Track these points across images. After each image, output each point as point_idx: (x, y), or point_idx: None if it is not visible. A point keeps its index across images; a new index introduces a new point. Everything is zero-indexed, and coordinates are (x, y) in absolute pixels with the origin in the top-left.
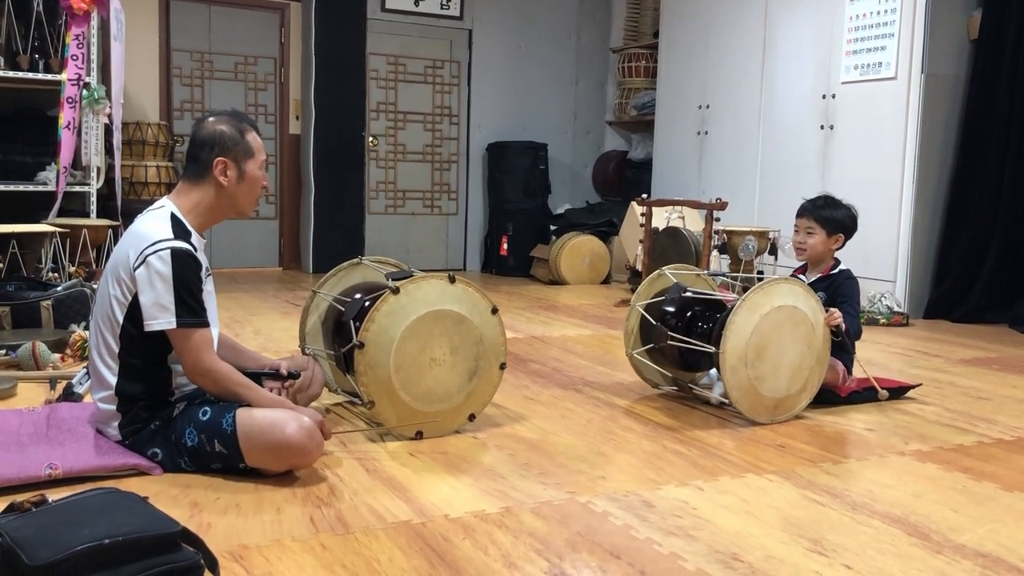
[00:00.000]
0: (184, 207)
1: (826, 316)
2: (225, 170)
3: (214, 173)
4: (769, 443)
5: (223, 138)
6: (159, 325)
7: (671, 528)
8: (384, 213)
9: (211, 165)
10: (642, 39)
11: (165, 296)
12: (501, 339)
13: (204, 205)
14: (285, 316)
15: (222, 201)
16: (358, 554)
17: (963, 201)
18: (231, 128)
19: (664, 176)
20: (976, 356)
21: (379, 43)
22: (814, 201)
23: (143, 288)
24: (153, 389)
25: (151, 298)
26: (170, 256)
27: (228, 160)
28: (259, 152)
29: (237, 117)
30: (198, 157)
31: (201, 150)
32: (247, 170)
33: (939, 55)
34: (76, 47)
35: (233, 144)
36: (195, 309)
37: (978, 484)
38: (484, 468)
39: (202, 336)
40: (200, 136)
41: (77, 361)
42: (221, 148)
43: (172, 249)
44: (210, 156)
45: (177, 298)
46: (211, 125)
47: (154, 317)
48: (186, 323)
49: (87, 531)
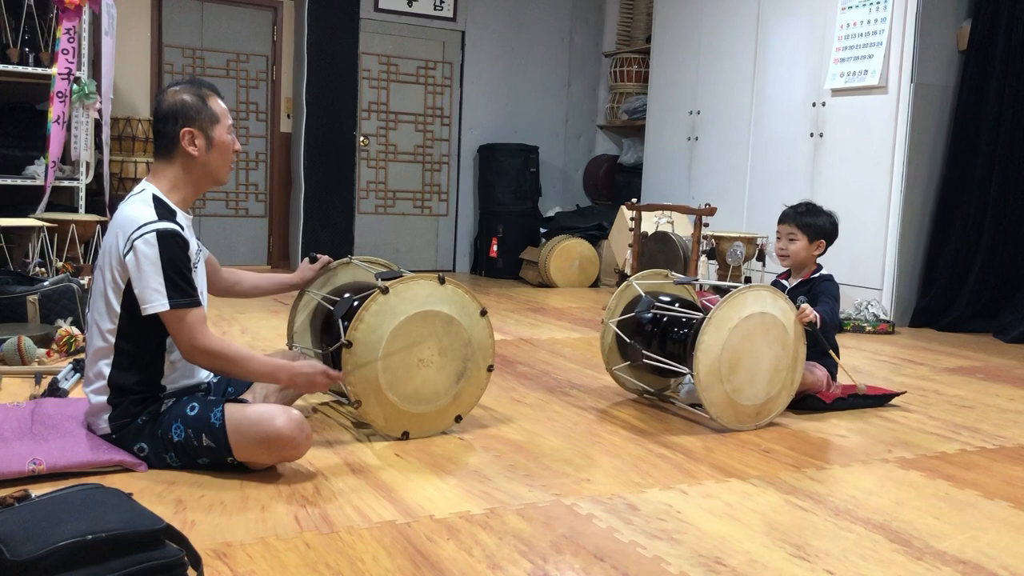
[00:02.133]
0: (163, 187)
1: (797, 314)
2: (193, 140)
3: (182, 144)
4: (753, 448)
5: (185, 107)
6: (154, 308)
7: (655, 531)
8: (374, 213)
9: (178, 138)
10: (634, 44)
11: (155, 279)
12: (489, 341)
13: (181, 180)
14: (273, 314)
15: (197, 172)
16: (342, 553)
17: (950, 210)
18: (192, 96)
19: (654, 181)
20: (961, 365)
21: (372, 43)
22: (796, 208)
23: (133, 273)
24: (146, 380)
25: (142, 282)
26: (156, 239)
27: (194, 129)
28: (224, 116)
29: (196, 83)
30: (164, 131)
31: (166, 124)
32: (215, 136)
33: (929, 65)
34: (67, 41)
35: (196, 112)
36: (185, 289)
37: (960, 492)
38: (470, 469)
39: (195, 315)
40: (162, 109)
41: (63, 356)
42: (185, 118)
43: (157, 231)
44: (175, 128)
45: (167, 279)
46: (171, 96)
47: (148, 301)
48: (178, 304)
49: (70, 527)
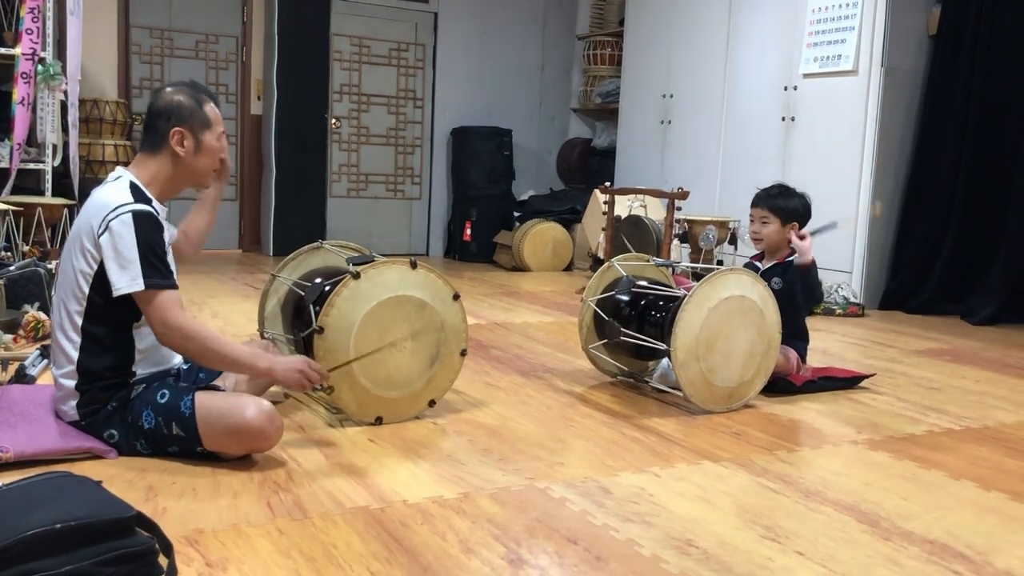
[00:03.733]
0: (143, 178)
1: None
2: (182, 140)
3: (171, 143)
4: (725, 431)
5: (180, 108)
6: (127, 288)
7: (627, 514)
8: (346, 196)
9: (168, 135)
10: (608, 27)
11: (130, 258)
12: (462, 325)
13: (162, 176)
14: (244, 299)
15: (179, 171)
16: (315, 539)
17: (919, 194)
18: (188, 98)
19: (627, 164)
20: (929, 347)
21: (343, 24)
22: (768, 190)
23: (108, 253)
24: (115, 364)
25: (117, 262)
26: (131, 218)
27: (185, 130)
28: (217, 123)
29: (195, 88)
30: (155, 127)
31: (158, 120)
32: (204, 141)
33: (899, 49)
34: (31, 21)
35: (190, 114)
36: (161, 270)
37: (927, 472)
38: (443, 454)
39: (171, 296)
40: (157, 106)
41: (30, 342)
42: (178, 118)
43: (133, 211)
44: (167, 126)
45: (143, 259)
46: (168, 95)
47: (122, 281)
48: (154, 284)
49: (37, 516)
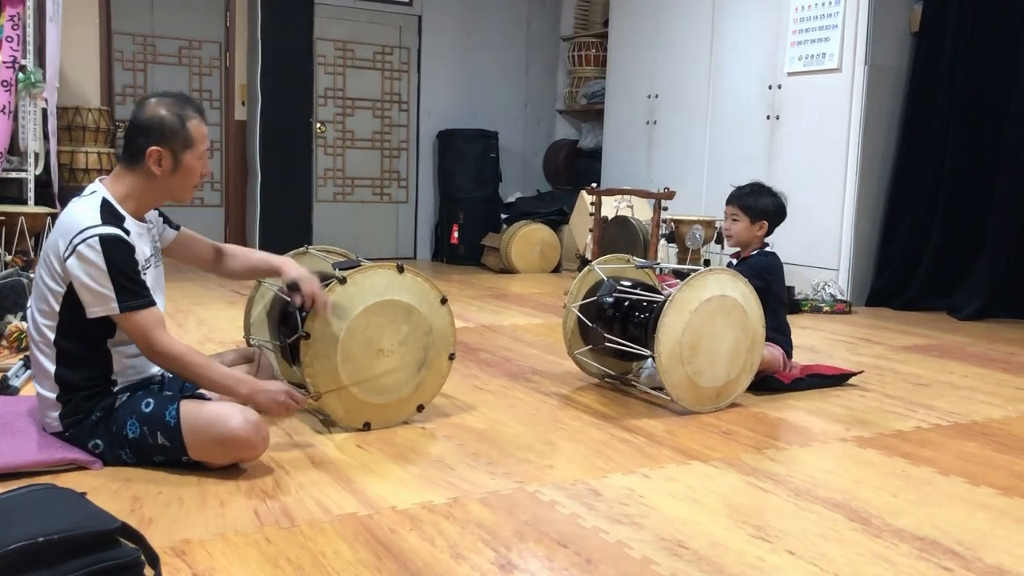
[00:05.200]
0: (118, 193)
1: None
2: (159, 159)
3: (147, 162)
4: (714, 430)
5: (161, 126)
6: (100, 312)
7: (618, 516)
8: (332, 201)
9: (144, 153)
10: (592, 28)
11: (102, 283)
12: (451, 329)
13: (138, 192)
14: (230, 306)
15: (155, 189)
16: (303, 547)
17: (904, 191)
18: (171, 115)
19: (614, 165)
20: (916, 343)
21: (327, 28)
22: (741, 188)
23: (78, 278)
24: (93, 376)
25: (88, 287)
26: (99, 243)
27: (163, 150)
28: (200, 142)
29: (181, 102)
30: (134, 142)
31: (137, 135)
32: (183, 160)
33: (882, 47)
34: (11, 28)
35: (171, 133)
36: (135, 291)
37: (917, 469)
38: (432, 459)
39: (149, 316)
40: (138, 120)
41: (13, 353)
42: (158, 136)
43: (100, 236)
44: (145, 144)
45: (115, 283)
46: (151, 108)
47: (95, 305)
48: (129, 307)
49: (20, 529)
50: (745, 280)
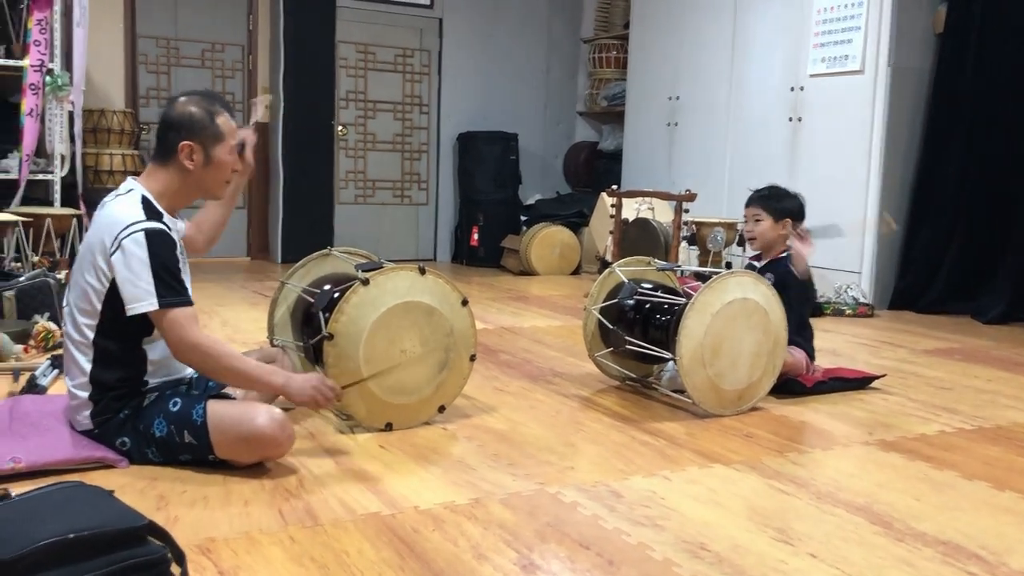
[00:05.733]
0: (154, 190)
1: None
2: (191, 154)
3: (179, 157)
4: (736, 433)
5: (191, 121)
6: (142, 308)
7: (639, 518)
8: (354, 203)
9: (176, 148)
10: (613, 30)
11: (144, 278)
12: (471, 330)
13: (172, 188)
14: (253, 307)
15: (189, 184)
16: (327, 546)
17: (927, 193)
18: (201, 110)
19: (634, 167)
20: (939, 347)
21: (349, 31)
22: (759, 190)
23: (121, 273)
24: (127, 376)
25: (131, 282)
26: (144, 237)
27: (194, 144)
28: (229, 136)
29: (209, 98)
30: (165, 139)
31: (168, 132)
32: (215, 155)
33: (905, 48)
34: (39, 32)
35: (201, 128)
36: (175, 288)
37: (940, 473)
38: (454, 459)
39: (185, 313)
40: (169, 117)
41: (41, 352)
42: (188, 131)
43: (146, 230)
44: (176, 139)
45: (156, 279)
46: (181, 106)
47: (136, 300)
48: (168, 303)
49: (50, 526)
50: (766, 282)
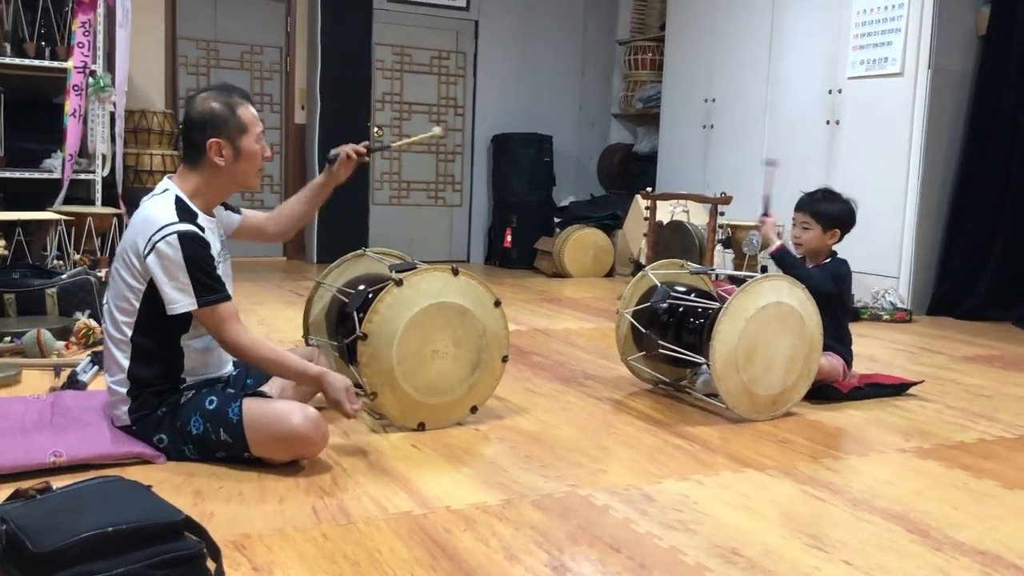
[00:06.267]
0: (188, 190)
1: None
2: (220, 150)
3: (209, 155)
4: (770, 438)
5: (214, 117)
6: (182, 308)
7: (671, 522)
8: (388, 204)
9: (205, 147)
10: (649, 31)
11: (181, 280)
12: (504, 332)
13: (206, 187)
14: (289, 306)
15: (223, 180)
16: (359, 544)
17: (968, 197)
18: (221, 105)
19: (669, 169)
20: (979, 353)
21: (385, 33)
22: (812, 195)
23: (157, 275)
24: (164, 373)
25: (168, 283)
26: (177, 240)
27: (222, 140)
28: (253, 125)
29: (226, 91)
30: (191, 139)
31: (193, 132)
32: (243, 146)
33: (947, 51)
34: (82, 35)
35: (224, 123)
36: (213, 286)
37: (978, 481)
38: (485, 460)
39: (225, 309)
40: (191, 116)
41: (81, 349)
42: (213, 128)
43: (179, 233)
44: (203, 138)
45: (193, 279)
46: (200, 103)
47: (175, 301)
48: (207, 301)
49: (91, 519)
50: (802, 287)
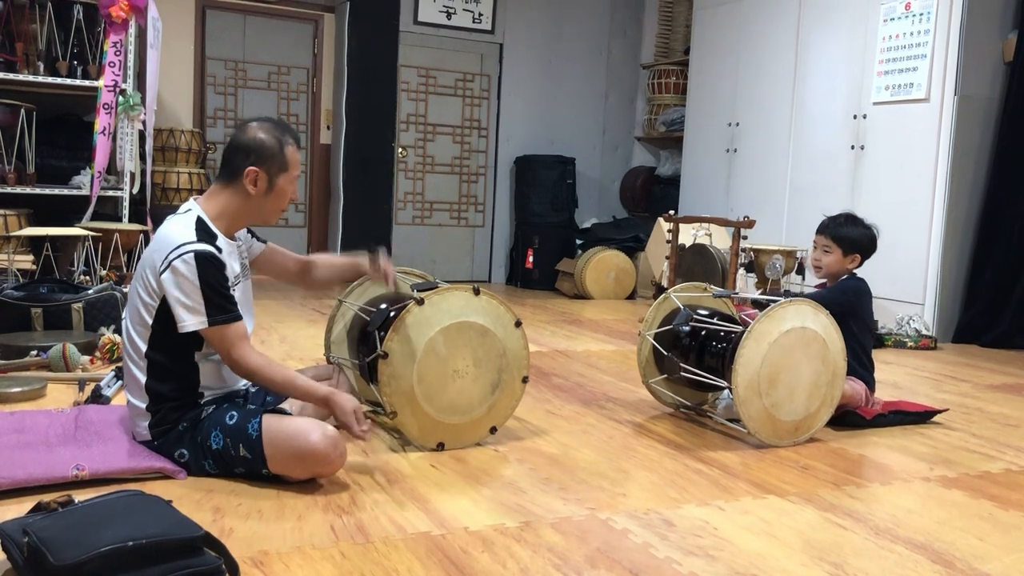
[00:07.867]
0: (212, 211)
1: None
2: (256, 180)
3: (244, 181)
4: (792, 464)
5: (261, 147)
6: (192, 326)
7: (691, 547)
8: (411, 224)
9: (242, 172)
10: (673, 55)
11: (194, 298)
12: (524, 352)
13: (231, 210)
14: (311, 324)
15: (248, 208)
16: (377, 564)
17: (994, 224)
18: (272, 138)
19: (692, 193)
20: (1005, 382)
21: (411, 55)
22: (834, 219)
23: (170, 292)
24: (181, 387)
25: (181, 301)
26: (193, 259)
27: (260, 171)
28: (294, 167)
29: (280, 128)
30: (231, 162)
31: (236, 155)
32: (278, 183)
33: (973, 77)
34: (114, 54)
35: (270, 156)
36: (224, 306)
37: (1004, 512)
38: (504, 481)
39: (235, 330)
40: (240, 140)
41: (106, 363)
42: (257, 157)
43: (195, 252)
44: (243, 163)
45: (205, 299)
46: (252, 131)
47: (185, 319)
48: (217, 321)
49: (111, 533)
50: (826, 312)
